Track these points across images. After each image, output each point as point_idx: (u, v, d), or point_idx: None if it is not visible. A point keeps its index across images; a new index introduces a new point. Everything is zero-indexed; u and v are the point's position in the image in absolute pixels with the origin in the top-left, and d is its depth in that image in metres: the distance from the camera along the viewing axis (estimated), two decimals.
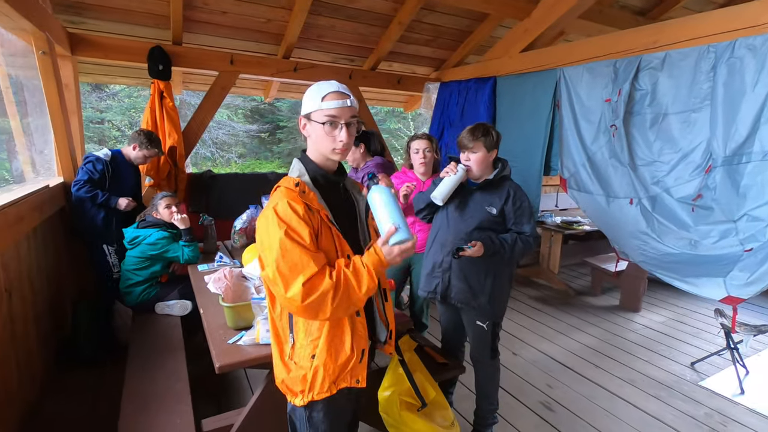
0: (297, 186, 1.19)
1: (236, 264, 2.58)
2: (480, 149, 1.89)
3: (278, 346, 1.30)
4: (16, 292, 2.07)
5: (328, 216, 1.21)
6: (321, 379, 1.23)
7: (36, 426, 2.07)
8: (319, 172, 1.26)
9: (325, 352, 1.22)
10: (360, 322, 1.27)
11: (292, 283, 1.11)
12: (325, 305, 1.11)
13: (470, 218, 1.94)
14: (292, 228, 1.12)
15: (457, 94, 4.11)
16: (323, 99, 1.19)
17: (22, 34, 2.43)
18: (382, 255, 1.17)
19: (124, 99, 12.32)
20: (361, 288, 1.14)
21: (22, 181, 2.83)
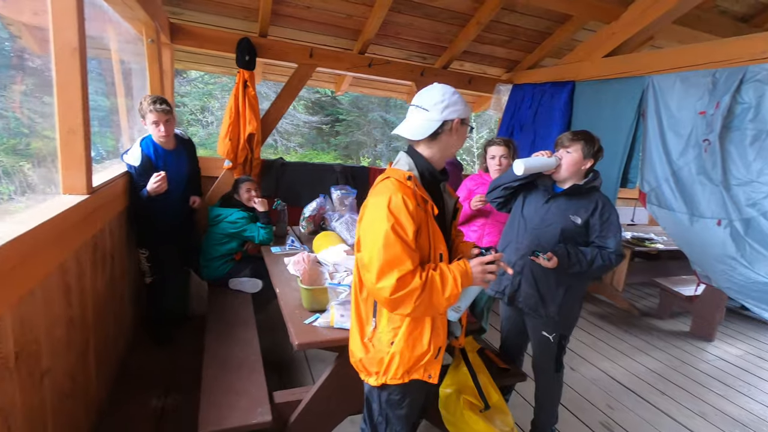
0: (409, 180, 1.24)
1: (306, 249, 2.70)
2: (577, 151, 1.84)
3: (359, 327, 1.37)
4: (117, 257, 2.30)
5: (435, 211, 1.26)
6: (396, 365, 1.28)
7: (127, 378, 2.30)
8: (428, 168, 1.30)
9: (404, 341, 1.27)
10: (440, 321, 1.31)
11: (386, 275, 1.16)
12: (409, 302, 1.16)
13: (551, 225, 1.89)
14: (399, 223, 1.17)
15: (530, 97, 4.01)
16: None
17: (136, 24, 2.68)
18: (470, 270, 1.22)
19: (200, 85, 13.12)
20: (445, 293, 1.18)
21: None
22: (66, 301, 1.59)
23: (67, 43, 1.58)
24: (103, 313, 2.04)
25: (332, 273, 1.99)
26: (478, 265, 1.24)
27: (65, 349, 1.59)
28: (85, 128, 1.67)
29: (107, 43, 2.68)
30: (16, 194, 7.45)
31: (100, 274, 2.00)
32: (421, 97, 1.29)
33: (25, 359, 1.26)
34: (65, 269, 1.57)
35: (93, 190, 1.79)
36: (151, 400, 2.14)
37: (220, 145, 3.59)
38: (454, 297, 1.19)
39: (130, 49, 2.93)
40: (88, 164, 1.72)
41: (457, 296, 1.20)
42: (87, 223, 1.75)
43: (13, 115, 9.23)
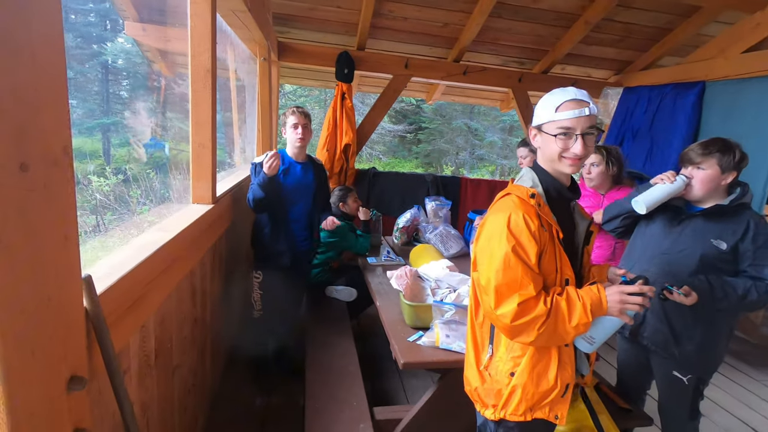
0: (532, 198, 1.13)
1: (401, 261, 2.68)
2: (712, 167, 1.56)
3: (475, 353, 1.28)
4: (230, 260, 2.48)
5: (559, 234, 1.14)
6: (517, 400, 1.17)
7: (233, 372, 2.46)
8: (553, 185, 1.19)
9: (527, 374, 1.15)
10: (567, 354, 1.17)
11: (506, 300, 1.07)
12: (531, 330, 1.06)
13: (686, 251, 1.62)
14: (521, 244, 1.08)
15: (646, 101, 3.61)
16: (557, 109, 1.11)
17: (251, 44, 2.89)
18: (605, 298, 1.07)
19: (293, 98, 14.02)
20: (572, 321, 1.05)
21: (233, 166, 3.39)
22: (192, 302, 1.72)
23: (202, 65, 1.73)
24: (217, 312, 2.19)
25: (434, 289, 1.93)
26: (617, 293, 1.08)
27: (190, 346, 1.72)
28: (213, 143, 1.81)
29: (227, 63, 2.93)
30: (142, 197, 8.41)
31: (217, 277, 2.15)
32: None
33: (161, 356, 1.38)
34: (194, 273, 1.70)
35: (217, 199, 1.93)
36: (256, 397, 2.25)
37: (317, 155, 3.74)
38: (582, 326, 1.06)
39: (244, 68, 3.18)
40: (213, 176, 1.86)
41: (587, 326, 1.06)
42: (212, 230, 1.89)
43: (141, 129, 10.56)
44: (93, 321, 0.82)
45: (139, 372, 1.20)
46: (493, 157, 15.72)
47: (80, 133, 11.09)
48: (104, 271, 0.99)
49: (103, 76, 12.82)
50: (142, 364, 1.21)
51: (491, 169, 15.79)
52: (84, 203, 7.71)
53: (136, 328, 1.13)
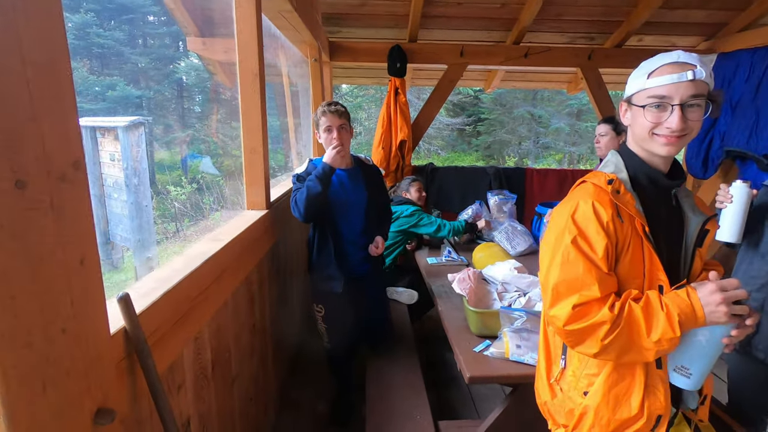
0: (610, 184, 0.94)
1: (463, 261, 2.51)
2: None
3: (546, 364, 1.10)
4: (287, 265, 2.47)
5: (645, 228, 0.92)
6: (589, 425, 0.98)
7: (297, 379, 2.45)
8: (642, 170, 0.98)
9: (601, 395, 0.96)
10: (659, 377, 0.94)
11: (561, 300, 0.90)
12: (593, 340, 0.87)
13: None
14: (585, 236, 0.90)
15: (748, 67, 3.09)
16: (651, 75, 0.91)
17: (302, 46, 2.88)
18: (698, 303, 0.83)
19: (350, 99, 14.20)
20: (651, 334, 0.84)
21: (291, 170, 3.42)
22: (250, 310, 1.70)
23: (250, 70, 1.71)
24: (277, 319, 2.18)
25: (501, 293, 1.75)
26: (716, 292, 0.83)
27: (249, 354, 1.70)
28: (264, 147, 1.79)
29: (280, 68, 2.94)
30: (213, 204, 8.96)
31: (275, 283, 2.14)
32: None
33: (219, 367, 1.36)
34: (250, 280, 1.68)
35: (270, 204, 1.91)
36: (318, 406, 2.22)
37: (373, 154, 3.66)
38: (667, 342, 0.83)
39: (296, 72, 3.18)
40: (266, 181, 1.84)
41: (673, 343, 0.84)
42: (267, 236, 1.87)
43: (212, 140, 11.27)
44: (134, 342, 0.78)
45: (195, 385, 1.18)
46: (560, 144, 14.77)
47: (161, 147, 12.14)
48: (150, 285, 0.96)
49: (178, 93, 13.94)
50: (198, 376, 1.19)
51: (558, 158, 14.85)
52: (165, 212, 8.39)
53: (188, 342, 1.10)
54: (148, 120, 7.14)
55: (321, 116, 1.88)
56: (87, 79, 10.34)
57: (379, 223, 2.09)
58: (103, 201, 5.93)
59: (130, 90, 10.63)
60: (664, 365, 0.96)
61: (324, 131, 1.89)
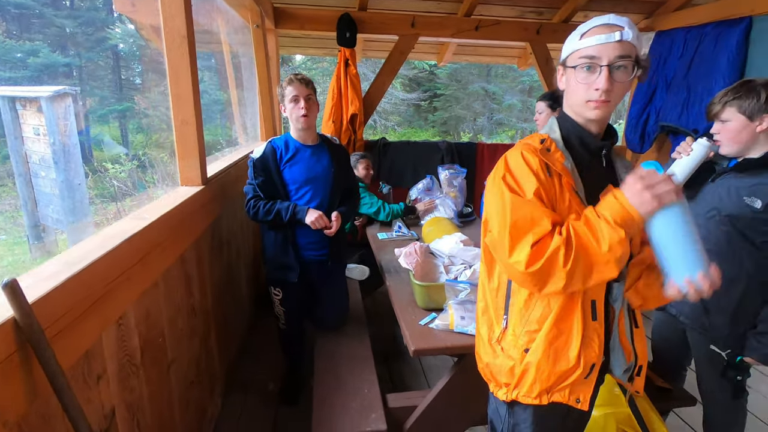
0: (542, 143, 0.98)
1: (414, 235, 2.51)
2: (734, 117, 1.34)
3: (488, 326, 1.13)
4: (233, 243, 2.37)
5: (574, 186, 0.96)
6: (531, 380, 1.02)
7: (246, 359, 2.40)
8: (574, 131, 1.00)
9: (542, 350, 0.99)
10: (594, 329, 0.99)
11: (518, 244, 0.89)
12: (557, 272, 0.86)
13: (713, 210, 1.42)
14: (519, 183, 0.93)
15: (681, 45, 3.24)
16: (583, 36, 0.92)
17: (241, 10, 2.68)
18: (624, 199, 0.83)
19: (304, 71, 13.71)
20: (602, 243, 0.84)
21: (236, 145, 3.25)
22: (187, 290, 1.61)
23: (177, 31, 1.56)
24: (221, 298, 2.10)
25: (447, 266, 1.76)
26: (635, 182, 0.83)
27: (188, 337, 1.62)
28: (197, 118, 1.66)
29: (218, 35, 2.74)
30: (159, 182, 8.51)
31: (217, 261, 2.04)
32: None
33: (151, 352, 1.28)
34: (185, 259, 1.58)
35: (207, 180, 1.79)
36: (269, 385, 2.18)
37: (323, 128, 3.55)
38: (618, 246, 0.83)
39: (238, 39, 2.98)
40: (201, 155, 1.72)
41: (624, 244, 0.84)
42: (204, 212, 1.76)
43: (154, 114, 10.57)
44: (26, 332, 0.69)
45: (120, 373, 1.10)
46: (513, 120, 15.12)
47: (97, 121, 11.19)
48: (54, 269, 0.86)
49: (114, 62, 12.79)
50: (123, 364, 1.11)
51: (511, 134, 15.21)
52: (104, 191, 7.82)
53: (108, 327, 1.02)
54: (76, 90, 6.50)
55: (287, 85, 1.83)
56: (3, 43, 9.25)
57: (344, 204, 2.00)
58: (29, 180, 5.41)
59: (56, 57, 9.62)
60: (600, 316, 1.00)
61: (290, 101, 1.84)
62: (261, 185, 1.86)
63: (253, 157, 1.89)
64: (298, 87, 1.82)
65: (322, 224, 1.82)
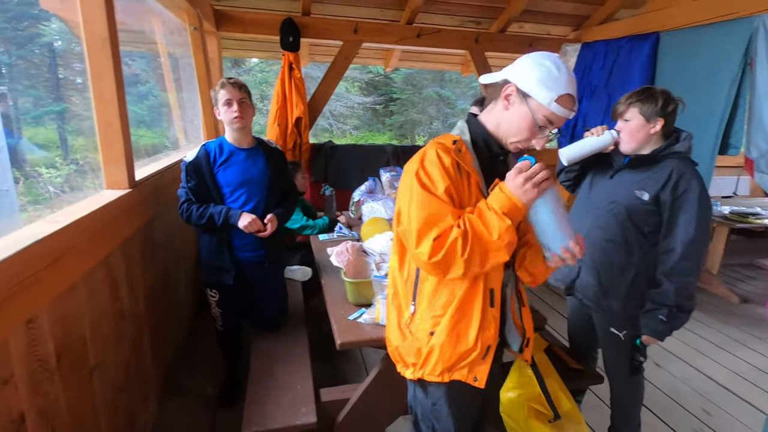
0: (454, 144, 1.07)
1: (354, 236, 2.58)
2: (635, 117, 1.51)
3: (397, 311, 1.22)
4: (169, 247, 2.33)
5: (480, 184, 1.07)
6: (435, 360, 1.13)
7: (185, 361, 2.36)
8: (483, 137, 1.11)
9: (445, 334, 1.10)
10: (491, 315, 1.12)
11: (424, 237, 1.00)
12: (456, 261, 0.98)
13: (612, 203, 1.60)
14: (431, 178, 1.02)
15: (603, 57, 3.52)
16: (558, 99, 0.99)
17: (178, 12, 2.65)
18: (506, 187, 0.98)
19: (258, 73, 13.47)
20: (492, 232, 0.96)
21: (177, 148, 3.18)
22: (113, 295, 1.59)
23: (98, 34, 1.54)
24: (156, 303, 2.07)
25: (378, 264, 1.84)
26: (516, 176, 0.96)
27: (116, 342, 1.60)
28: (122, 121, 1.64)
29: (152, 36, 2.68)
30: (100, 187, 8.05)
31: (151, 265, 2.02)
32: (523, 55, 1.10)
33: (69, 357, 1.26)
34: (111, 263, 1.56)
35: (136, 183, 1.77)
36: (207, 388, 2.17)
37: (269, 131, 3.56)
38: (506, 234, 0.96)
39: (176, 41, 2.93)
40: (128, 157, 1.70)
41: (511, 233, 0.97)
42: (132, 216, 1.74)
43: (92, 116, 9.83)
44: None
45: (31, 378, 1.08)
46: None
47: (31, 123, 10.43)
48: None
49: (51, 60, 11.98)
50: (34, 369, 1.10)
51: None
52: (38, 197, 7.32)
53: (14, 331, 1.01)
54: (4, 90, 6.06)
55: (220, 89, 1.84)
56: None
57: (280, 206, 2.02)
58: None
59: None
60: (497, 303, 1.12)
61: (223, 105, 1.85)
62: (193, 189, 1.86)
63: (185, 160, 1.88)
64: (231, 90, 1.83)
65: (255, 228, 1.84)
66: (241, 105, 1.84)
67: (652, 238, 1.57)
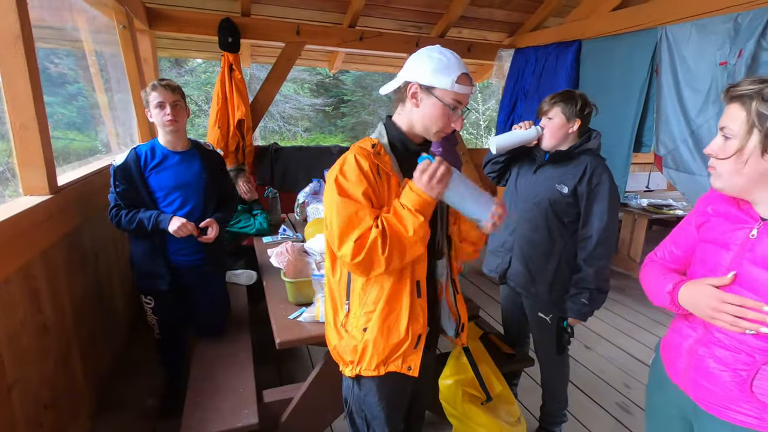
0: (373, 147, 1.12)
1: (299, 237, 2.58)
2: (557, 116, 1.65)
3: (333, 312, 1.26)
4: (102, 255, 2.22)
5: (400, 183, 1.12)
6: (370, 355, 1.17)
7: (122, 374, 2.26)
8: (399, 138, 1.17)
9: (377, 328, 1.15)
10: (419, 305, 1.18)
11: (345, 239, 1.05)
12: (377, 259, 1.04)
13: (537, 196, 1.74)
14: (350, 182, 1.07)
15: (534, 62, 3.76)
16: (457, 80, 1.07)
17: (105, 9, 2.53)
18: (418, 189, 1.05)
19: (201, 74, 12.98)
20: (408, 229, 1.03)
21: (109, 152, 3.03)
22: (34, 306, 1.50)
23: (9, 31, 1.45)
24: (86, 315, 1.97)
25: (319, 263, 1.87)
26: (421, 176, 1.03)
27: (39, 357, 1.51)
28: (39, 122, 1.55)
29: (75, 33, 2.54)
30: None
31: (79, 275, 1.92)
32: (410, 56, 1.16)
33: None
34: (29, 273, 1.48)
35: (59, 188, 1.69)
36: (147, 400, 2.09)
37: (209, 133, 3.47)
38: (421, 229, 1.03)
39: (104, 39, 2.79)
40: (48, 161, 1.61)
41: (424, 227, 1.04)
42: (54, 223, 1.65)
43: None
44: None
45: None
46: None
47: None
48: None
49: None
50: None
51: None
52: None
53: None
54: None
55: (151, 91, 1.78)
56: None
57: (219, 210, 1.99)
58: None
59: None
60: (423, 294, 1.18)
61: (155, 107, 1.79)
62: (122, 194, 1.79)
63: (114, 164, 1.81)
64: (164, 93, 1.78)
65: (186, 232, 1.79)
66: (174, 107, 1.79)
67: (571, 228, 1.71)
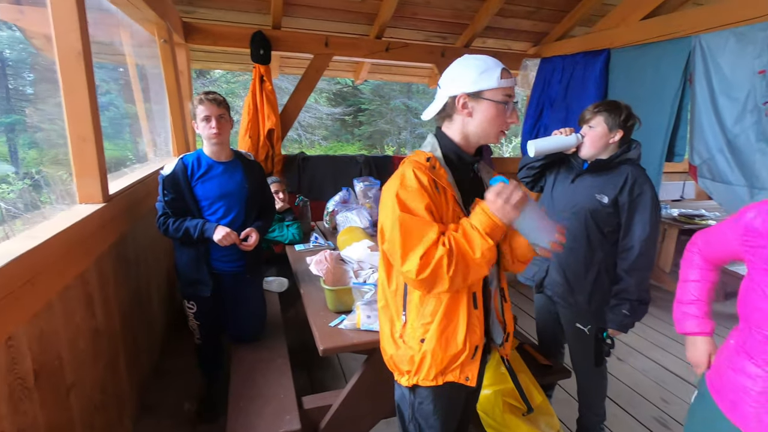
0: (428, 161, 1.14)
1: (330, 245, 2.62)
2: (600, 125, 1.65)
3: (389, 322, 1.27)
4: (143, 263, 2.29)
5: (456, 198, 1.14)
6: (428, 366, 1.18)
7: (161, 384, 2.31)
8: (453, 150, 1.19)
9: (435, 339, 1.16)
10: (476, 317, 1.19)
11: (409, 254, 1.05)
12: (441, 278, 1.04)
13: (575, 206, 1.73)
14: (412, 197, 1.08)
15: (560, 71, 3.75)
16: (501, 76, 1.10)
17: (147, 24, 2.64)
18: (488, 209, 1.05)
19: (223, 84, 13.27)
20: (475, 251, 1.03)
21: (144, 161, 3.13)
22: (89, 312, 1.56)
23: (71, 47, 1.54)
24: (131, 321, 2.03)
25: (357, 271, 1.89)
26: (495, 199, 1.03)
27: (92, 360, 1.57)
28: (96, 135, 1.63)
29: (120, 47, 2.65)
30: (57, 202, 7.74)
31: (125, 282, 1.98)
32: (443, 73, 1.19)
33: (46, 376, 1.24)
34: (86, 280, 1.54)
35: (110, 197, 1.76)
36: (184, 404, 2.14)
37: (240, 143, 3.55)
38: (488, 252, 1.03)
39: (145, 53, 2.90)
40: (102, 171, 1.68)
41: (492, 251, 1.05)
42: (106, 231, 1.72)
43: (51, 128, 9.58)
44: None
45: (11, 396, 1.06)
46: None
47: None
48: None
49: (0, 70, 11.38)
50: (14, 387, 1.08)
51: None
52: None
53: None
54: None
55: (198, 105, 1.84)
56: None
57: (260, 219, 2.05)
58: None
59: None
60: (479, 305, 1.19)
61: (202, 120, 1.85)
62: (170, 202, 1.86)
63: (163, 173, 1.88)
64: (209, 107, 1.84)
65: (230, 241, 1.85)
66: (219, 121, 1.86)
67: (611, 238, 1.70)
